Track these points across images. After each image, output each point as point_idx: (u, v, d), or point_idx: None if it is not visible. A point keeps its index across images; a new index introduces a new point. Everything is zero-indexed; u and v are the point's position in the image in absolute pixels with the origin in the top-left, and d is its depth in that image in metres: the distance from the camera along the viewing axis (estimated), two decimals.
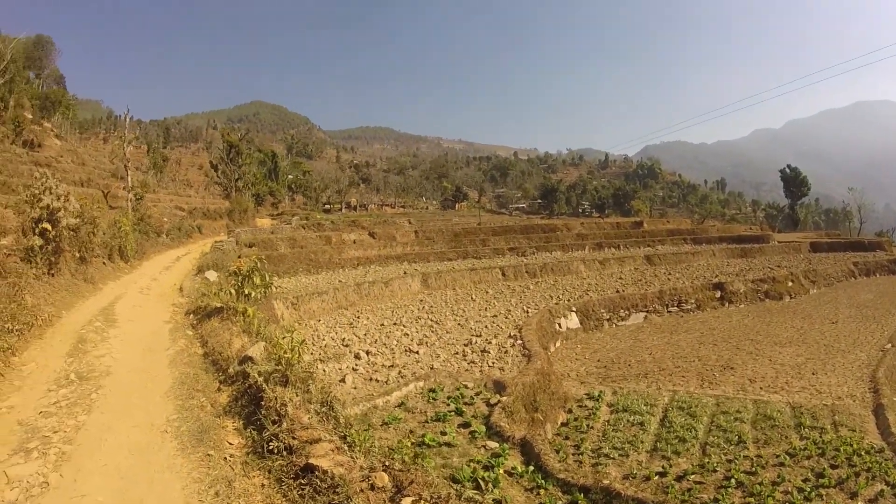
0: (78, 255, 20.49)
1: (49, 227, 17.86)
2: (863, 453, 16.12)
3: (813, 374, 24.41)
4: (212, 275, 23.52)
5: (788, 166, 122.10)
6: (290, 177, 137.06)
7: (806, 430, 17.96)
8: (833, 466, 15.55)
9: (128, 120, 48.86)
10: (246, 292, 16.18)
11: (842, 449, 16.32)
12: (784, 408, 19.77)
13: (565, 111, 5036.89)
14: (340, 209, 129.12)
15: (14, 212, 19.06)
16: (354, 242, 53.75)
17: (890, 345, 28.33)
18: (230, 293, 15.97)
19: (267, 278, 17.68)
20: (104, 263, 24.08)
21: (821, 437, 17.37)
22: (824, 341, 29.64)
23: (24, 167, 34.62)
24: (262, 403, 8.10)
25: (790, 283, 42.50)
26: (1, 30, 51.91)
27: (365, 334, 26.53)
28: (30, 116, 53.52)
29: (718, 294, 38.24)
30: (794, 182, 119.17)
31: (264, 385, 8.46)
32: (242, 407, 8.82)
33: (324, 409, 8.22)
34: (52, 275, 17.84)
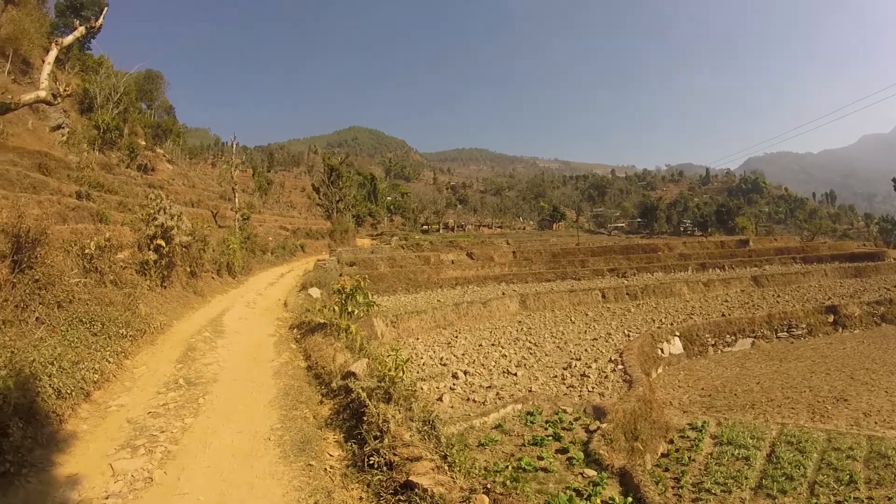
0: (189, 269, 21.64)
1: (163, 243, 19.04)
2: None
3: None
4: (315, 292, 24.01)
5: None
6: (388, 198, 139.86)
7: None
8: None
9: (234, 146, 51.47)
10: (349, 310, 16.37)
11: None
12: None
13: (663, 125, 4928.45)
14: (438, 230, 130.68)
15: (131, 229, 20.29)
16: (452, 263, 54.13)
17: None
18: (334, 310, 16.19)
19: (369, 297, 17.89)
20: (213, 278, 25.23)
21: None
22: None
23: (139, 189, 36.78)
24: (364, 418, 8.05)
25: None
26: (114, 65, 55.70)
27: (463, 354, 26.47)
28: (143, 143, 57.38)
29: (831, 318, 35.97)
30: None
31: (367, 400, 8.41)
32: (344, 420, 8.84)
33: (425, 427, 8.11)
34: (165, 287, 18.88)
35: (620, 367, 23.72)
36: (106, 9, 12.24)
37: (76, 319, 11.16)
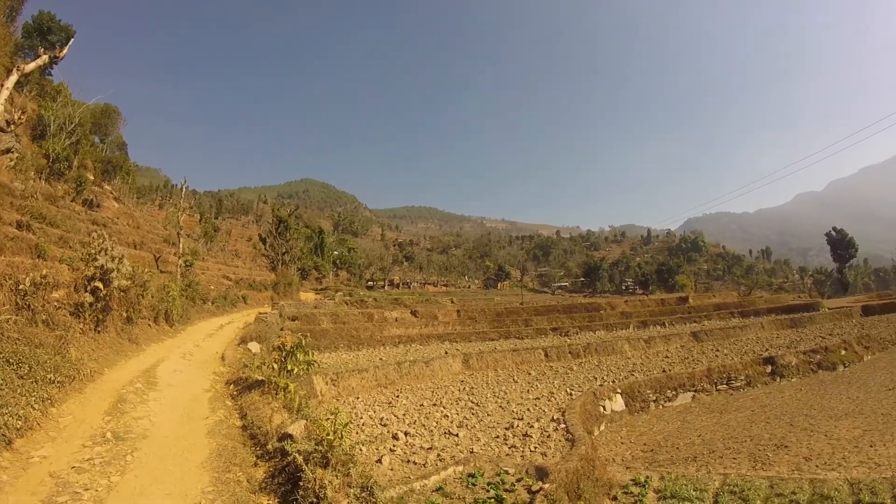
0: (125, 315, 20.86)
1: (101, 285, 18.36)
2: None
3: (871, 446, 22.88)
4: (254, 346, 23.58)
5: (834, 229, 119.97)
6: (335, 253, 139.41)
7: None
8: None
9: (184, 189, 50.88)
10: (289, 368, 16.13)
11: None
12: (842, 485, 18.45)
13: (607, 188, 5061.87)
14: (383, 286, 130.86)
15: (69, 267, 19.58)
16: (396, 320, 53.82)
17: None
18: (273, 367, 15.94)
19: (310, 355, 17.63)
20: (149, 325, 24.41)
21: None
22: (882, 410, 27.85)
23: (82, 224, 36.06)
24: (301, 483, 7.98)
25: (843, 352, 40.39)
26: (72, 94, 54.76)
27: (404, 414, 26.08)
28: (91, 178, 56.04)
29: (769, 369, 36.58)
30: (840, 245, 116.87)
31: (304, 465, 8.33)
32: (279, 485, 8.71)
33: (364, 493, 8.06)
34: (99, 332, 18.17)
35: (563, 425, 23.53)
36: (72, 40, 12.14)
37: (2, 359, 10.75)
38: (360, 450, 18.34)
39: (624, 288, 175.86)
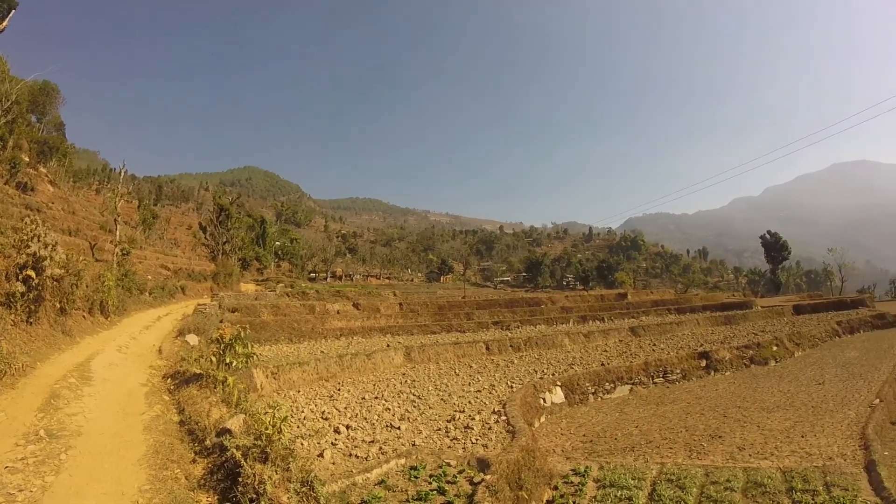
0: (59, 305, 19.99)
1: (33, 274, 17.56)
2: None
3: (802, 436, 23.76)
4: (193, 339, 23.14)
5: (768, 232, 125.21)
6: (277, 243, 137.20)
7: (798, 493, 17.34)
8: None
9: (122, 174, 49.39)
10: (227, 361, 15.85)
11: None
12: (774, 473, 19.15)
13: (551, 187, 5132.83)
14: (326, 278, 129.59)
15: (0, 254, 18.77)
16: (338, 313, 53.46)
17: (878, 400, 27.50)
18: (211, 360, 15.64)
19: (249, 348, 17.36)
20: (84, 317, 23.58)
21: (813, 499, 16.67)
22: (812, 403, 28.96)
23: (15, 209, 34.92)
24: (240, 479, 7.84)
25: (775, 348, 41.75)
26: (10, 70, 52.41)
27: (345, 408, 25.88)
28: (27, 159, 54.04)
29: (704, 363, 37.55)
30: (774, 247, 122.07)
31: (242, 460, 8.18)
32: (218, 481, 8.54)
33: (304, 488, 8.02)
34: (31, 323, 17.40)
35: (504, 417, 23.70)
36: (13, 11, 11.61)
37: None
38: (301, 444, 18.12)
39: (565, 284, 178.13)
